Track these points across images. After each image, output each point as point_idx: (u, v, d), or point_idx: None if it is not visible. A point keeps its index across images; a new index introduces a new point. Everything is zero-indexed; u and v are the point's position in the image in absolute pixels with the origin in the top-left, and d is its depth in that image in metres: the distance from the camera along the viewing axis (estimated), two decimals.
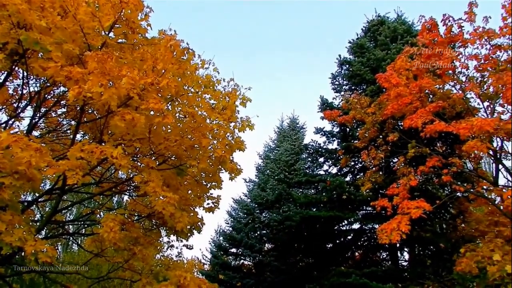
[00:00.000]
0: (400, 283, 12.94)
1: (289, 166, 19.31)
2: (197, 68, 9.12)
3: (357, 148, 13.99)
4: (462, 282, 10.31)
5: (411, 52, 12.00)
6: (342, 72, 16.95)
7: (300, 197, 14.82)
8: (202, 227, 9.95)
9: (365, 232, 15.16)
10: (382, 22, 16.82)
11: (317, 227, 14.73)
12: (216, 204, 9.93)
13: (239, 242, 18.13)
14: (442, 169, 11.31)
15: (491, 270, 8.69)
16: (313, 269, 15.51)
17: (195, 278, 8.16)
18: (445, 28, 11.29)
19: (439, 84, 12.15)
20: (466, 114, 12.06)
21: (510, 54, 11.27)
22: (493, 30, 11.17)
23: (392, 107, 11.83)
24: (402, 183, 11.43)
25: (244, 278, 17.27)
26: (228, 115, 9.01)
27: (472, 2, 11.16)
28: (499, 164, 12.04)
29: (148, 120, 6.92)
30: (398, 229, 10.21)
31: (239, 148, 9.29)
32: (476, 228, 13.07)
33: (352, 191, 13.42)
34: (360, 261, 15.60)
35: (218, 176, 9.46)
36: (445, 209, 14.17)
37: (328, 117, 14.73)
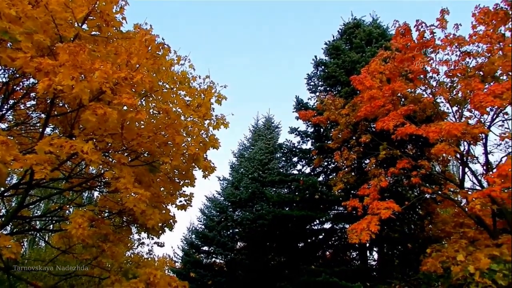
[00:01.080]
0: (369, 282, 13.20)
1: (263, 165, 19.37)
2: (173, 64, 8.99)
3: (330, 148, 14.17)
4: (427, 282, 10.59)
5: (385, 55, 12.25)
6: (318, 73, 17.12)
7: (273, 196, 14.89)
8: (174, 224, 9.86)
9: (336, 231, 15.37)
10: (358, 25, 17.09)
11: (289, 226, 14.84)
12: (188, 201, 9.86)
13: (211, 240, 18.06)
14: (411, 171, 11.59)
15: (455, 270, 8.97)
16: (284, 268, 15.62)
17: (166, 276, 8.10)
18: (417, 33, 11.59)
19: (411, 88, 12.43)
20: (436, 118, 12.39)
21: (478, 61, 11.66)
22: (463, 37, 11.53)
23: (365, 109, 12.04)
24: (373, 184, 11.65)
25: (216, 276, 17.22)
26: (203, 113, 8.91)
27: (444, 9, 11.49)
28: (465, 167, 12.44)
29: (121, 115, 6.79)
30: (368, 229, 10.40)
31: (213, 146, 9.22)
32: (443, 229, 13.51)
33: (325, 191, 13.59)
34: (330, 260, 15.81)
35: (191, 173, 9.37)
36: (414, 210, 14.54)
37: (302, 117, 14.87)
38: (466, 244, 10.25)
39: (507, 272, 8.62)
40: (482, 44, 11.30)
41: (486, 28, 11.05)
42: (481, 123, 11.34)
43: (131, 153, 8.32)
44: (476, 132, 10.09)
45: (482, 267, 8.62)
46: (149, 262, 10.15)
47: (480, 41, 11.20)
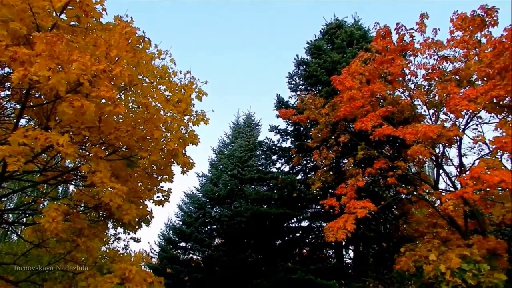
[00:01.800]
0: (344, 280, 13.39)
1: (243, 162, 19.38)
2: (153, 58, 8.89)
3: (309, 147, 14.27)
4: (400, 280, 10.79)
5: (365, 57, 12.40)
6: (299, 72, 17.21)
7: (252, 194, 14.93)
8: (151, 220, 9.78)
9: (313, 229, 15.52)
10: (339, 25, 17.23)
11: (267, 223, 14.90)
12: (166, 197, 9.79)
13: (188, 236, 17.99)
14: (388, 172, 11.79)
15: (427, 269, 9.17)
16: (261, 265, 15.69)
17: (141, 271, 8.02)
18: (397, 36, 11.78)
19: (389, 89, 12.62)
20: (413, 120, 12.63)
21: (455, 66, 11.93)
22: (441, 42, 11.79)
23: (345, 109, 12.17)
24: (350, 184, 11.80)
25: (193, 272, 17.17)
26: (183, 108, 8.85)
27: (424, 13, 11.71)
28: (440, 169, 12.72)
29: (99, 108, 6.69)
30: (344, 228, 10.54)
31: (193, 142, 9.17)
32: (416, 229, 13.79)
33: (303, 190, 13.69)
34: (307, 257, 15.95)
35: (169, 169, 9.31)
36: (389, 210, 14.79)
37: (283, 116, 14.93)
38: (439, 244, 10.48)
39: (476, 272, 8.87)
40: (459, 49, 11.59)
41: (463, 34, 11.31)
42: (456, 126, 11.61)
43: (109, 147, 8.20)
44: (451, 135, 10.33)
45: (453, 267, 8.84)
46: (124, 257, 10.03)
47: (457, 46, 11.47)
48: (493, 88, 9.56)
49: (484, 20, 10.85)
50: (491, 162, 9.91)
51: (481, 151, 13.16)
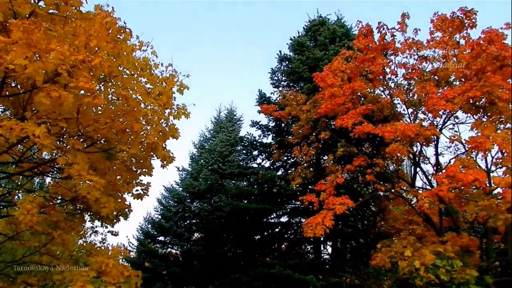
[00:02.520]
0: (321, 275, 13.53)
1: (224, 157, 19.35)
2: (134, 49, 8.73)
3: (290, 143, 14.34)
4: (376, 276, 10.99)
5: (347, 55, 12.50)
6: (282, 68, 17.24)
7: (232, 189, 14.93)
8: (129, 213, 9.72)
9: (292, 225, 15.62)
10: (323, 23, 17.30)
11: (247, 218, 14.94)
12: (145, 191, 9.73)
13: (167, 230, 17.91)
14: (367, 169, 11.95)
15: (402, 265, 9.36)
16: (240, 260, 15.74)
17: (118, 265, 7.97)
18: (379, 35, 11.90)
19: (370, 88, 12.77)
20: (392, 118, 12.81)
21: (434, 66, 12.15)
22: (421, 42, 11.97)
23: (326, 107, 12.25)
24: (330, 180, 11.92)
25: (171, 266, 17.12)
26: (164, 101, 8.77)
27: (405, 13, 11.87)
28: (417, 167, 12.96)
29: (77, 99, 6.57)
30: (322, 224, 10.65)
31: (173, 136, 9.11)
32: (393, 226, 14.05)
33: (283, 185, 13.76)
34: (285, 253, 16.07)
35: (149, 162, 9.24)
36: (367, 207, 15.01)
37: (264, 111, 14.95)
38: (414, 241, 10.69)
39: (449, 268, 9.10)
40: (438, 50, 11.80)
41: (443, 35, 11.52)
42: (434, 125, 11.84)
43: (87, 139, 8.08)
44: (428, 134, 10.53)
45: (427, 263, 9.04)
46: (101, 251, 9.89)
47: (436, 46, 11.67)
48: (470, 89, 9.78)
49: (463, 22, 11.07)
50: (466, 161, 10.16)
51: (457, 151, 13.47)
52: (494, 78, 9.50)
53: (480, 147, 9.16)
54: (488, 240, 11.17)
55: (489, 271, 10.34)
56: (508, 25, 10.34)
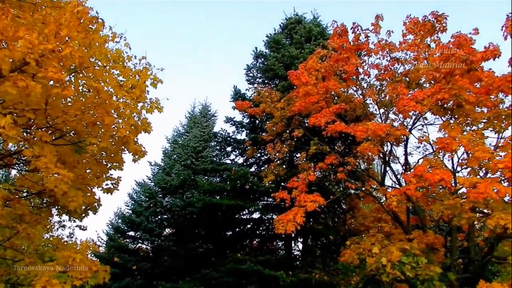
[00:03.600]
0: (291, 271, 13.68)
1: (197, 152, 19.23)
2: (107, 40, 8.55)
3: (264, 140, 14.38)
4: (345, 272, 11.19)
5: (322, 54, 12.63)
6: (257, 65, 17.25)
7: (204, 184, 14.87)
8: (98, 208, 9.55)
9: (264, 221, 15.70)
10: (299, 21, 17.41)
11: (219, 214, 14.91)
12: (115, 185, 9.57)
13: (138, 225, 17.68)
14: (338, 167, 12.12)
15: (370, 261, 9.57)
16: (211, 255, 15.71)
17: (86, 260, 7.83)
18: (353, 35, 12.09)
19: (344, 87, 12.95)
20: (364, 118, 13.04)
21: (406, 68, 12.44)
22: (394, 44, 12.23)
23: (300, 105, 12.35)
24: (302, 177, 12.03)
25: (141, 261, 16.93)
26: (136, 95, 8.62)
27: (379, 15, 12.08)
28: (387, 166, 13.25)
29: (46, 90, 6.39)
30: (294, 221, 10.73)
31: (145, 130, 8.98)
32: (362, 223, 14.33)
33: (255, 182, 13.80)
34: (257, 249, 16.14)
35: (120, 156, 9.07)
36: (338, 204, 15.25)
37: (239, 108, 14.93)
38: (382, 238, 10.95)
39: (414, 265, 9.36)
40: (410, 52, 12.09)
41: (415, 38, 11.80)
42: (404, 126, 12.13)
43: (55, 131, 7.88)
44: (398, 134, 10.77)
45: (393, 260, 9.27)
46: (69, 245, 9.70)
47: (408, 49, 11.95)
48: (438, 91, 10.05)
49: (434, 25, 11.37)
50: (434, 161, 10.46)
51: (425, 151, 13.86)
52: (461, 81, 9.81)
53: (447, 148, 9.43)
54: (452, 238, 11.54)
55: (452, 268, 10.70)
56: (477, 31, 10.69)
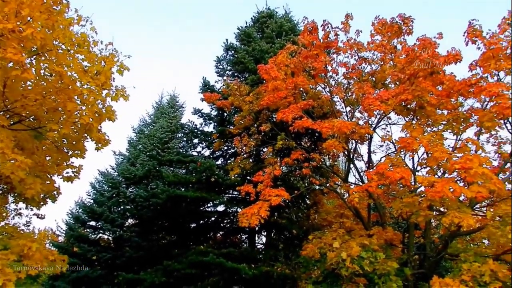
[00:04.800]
0: (254, 264, 13.78)
1: (163, 143, 18.99)
2: (72, 23, 8.28)
3: (231, 133, 14.36)
4: (306, 265, 11.37)
5: (292, 49, 12.70)
6: (228, 57, 17.16)
7: (169, 176, 14.69)
8: (58, 196, 9.31)
9: (228, 214, 15.70)
10: (271, 15, 17.42)
11: (183, 206, 14.79)
12: (77, 174, 9.36)
13: (99, 215, 17.31)
14: (304, 163, 12.27)
15: (330, 255, 9.77)
16: (174, 247, 15.58)
17: (43, 249, 7.64)
18: (323, 33, 12.20)
19: (312, 84, 13.08)
20: (331, 115, 13.24)
21: (372, 68, 12.70)
22: (362, 44, 12.46)
23: (268, 99, 12.38)
24: (268, 172, 12.10)
25: (101, 252, 16.60)
26: (101, 81, 8.41)
27: (349, 14, 12.25)
28: (351, 163, 13.53)
29: (4, 72, 6.16)
30: (258, 214, 10.79)
31: (110, 118, 8.79)
32: (325, 218, 14.62)
33: (221, 175, 13.76)
34: (221, 241, 16.14)
35: (82, 144, 8.86)
36: (302, 199, 15.46)
37: (207, 99, 14.81)
38: (343, 233, 11.19)
39: (373, 260, 9.64)
40: (377, 53, 12.36)
41: (382, 38, 12.07)
42: (369, 124, 12.42)
43: (14, 116, 7.60)
44: (363, 132, 11.00)
45: (353, 254, 9.51)
46: (25, 234, 9.39)
47: (376, 49, 12.20)
48: (402, 92, 10.33)
49: (401, 28, 11.66)
50: (395, 160, 10.76)
51: (388, 150, 14.27)
52: (424, 83, 10.11)
53: (408, 147, 9.71)
54: (410, 235, 11.95)
55: (409, 263, 11.10)
56: (441, 35, 11.04)
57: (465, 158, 8.44)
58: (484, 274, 8.40)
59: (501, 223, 8.63)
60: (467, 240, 14.00)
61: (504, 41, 9.77)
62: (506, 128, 10.53)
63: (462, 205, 8.92)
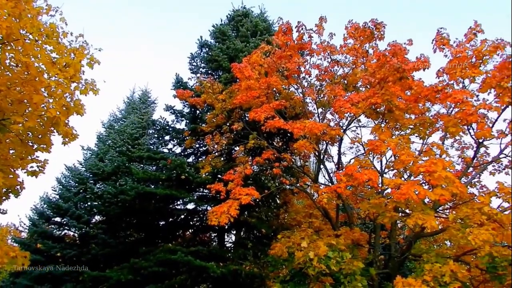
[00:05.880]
0: (223, 262, 13.75)
1: (134, 139, 18.68)
2: (41, 13, 8.03)
3: (203, 131, 14.29)
4: (274, 264, 11.44)
5: (266, 49, 12.76)
6: (202, 55, 17.04)
7: (139, 172, 14.46)
8: (21, 191, 9.02)
9: (198, 213, 15.61)
10: (246, 14, 17.43)
11: (152, 203, 14.59)
12: (41, 168, 9.08)
13: (65, 211, 16.85)
14: (275, 162, 12.36)
15: (298, 255, 9.88)
16: (142, 245, 15.35)
17: (4, 245, 7.44)
18: (298, 34, 12.31)
19: (285, 84, 13.19)
20: (303, 116, 13.39)
21: (345, 71, 12.91)
22: (335, 47, 12.65)
23: (241, 98, 12.39)
24: (239, 171, 12.11)
25: (66, 248, 16.16)
26: (70, 74, 8.20)
27: (323, 17, 12.40)
28: (321, 164, 13.72)
29: None
30: (228, 213, 10.78)
31: (78, 112, 8.58)
32: (295, 218, 14.76)
33: (192, 173, 13.66)
34: (190, 240, 16.02)
35: (48, 138, 8.60)
36: (273, 199, 15.53)
37: (180, 96, 14.69)
38: (312, 233, 11.35)
39: (339, 259, 9.81)
40: (350, 56, 12.58)
41: (355, 42, 12.30)
42: (339, 126, 12.63)
43: None
44: (333, 133, 11.18)
45: (320, 254, 9.65)
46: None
47: (348, 53, 12.42)
48: (372, 96, 10.56)
49: (373, 33, 11.90)
50: (364, 162, 10.99)
51: (358, 152, 14.56)
52: (394, 88, 10.37)
53: (376, 150, 9.93)
54: (376, 236, 12.24)
55: (374, 264, 11.37)
56: (411, 42, 11.35)
57: (430, 161, 8.70)
58: (444, 275, 8.68)
59: (462, 225, 8.94)
60: (430, 241, 14.45)
61: (470, 50, 10.14)
62: (470, 134, 10.93)
63: (426, 207, 9.18)
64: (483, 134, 9.92)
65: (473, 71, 9.89)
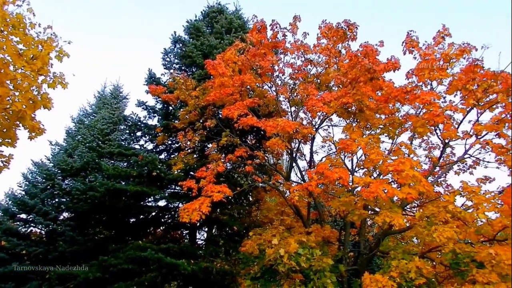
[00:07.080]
0: (194, 259, 13.69)
1: (104, 135, 18.31)
2: (6, 2, 7.77)
3: (176, 128, 14.16)
4: (245, 261, 11.46)
5: (240, 47, 12.75)
6: (175, 50, 16.87)
7: (109, 168, 14.19)
8: None
9: (169, 210, 15.47)
10: (221, 11, 17.36)
11: (123, 200, 14.37)
12: (6, 163, 8.82)
13: (31, 208, 16.35)
14: (247, 160, 12.37)
15: (269, 252, 9.95)
16: (112, 242, 15.08)
17: None
18: (272, 32, 12.36)
19: (259, 82, 13.22)
20: (276, 114, 13.46)
21: (318, 70, 13.06)
22: (309, 46, 12.77)
23: (215, 95, 12.35)
24: (211, 168, 12.07)
25: (32, 246, 15.69)
26: (38, 66, 7.98)
27: (297, 16, 12.50)
28: (293, 162, 13.85)
29: None
30: (199, 210, 10.73)
31: (45, 106, 8.35)
32: (267, 215, 14.85)
33: (163, 169, 13.53)
34: (161, 237, 15.85)
35: (13, 132, 8.34)
36: (245, 196, 15.56)
37: (152, 92, 14.52)
38: (283, 230, 11.44)
39: (310, 256, 9.94)
40: (323, 56, 12.72)
41: (328, 42, 12.45)
42: (312, 125, 12.78)
43: None
44: (306, 132, 11.29)
45: (290, 251, 9.74)
46: None
47: (321, 52, 12.57)
48: (344, 95, 10.73)
49: (346, 33, 12.08)
50: (335, 160, 11.15)
51: (330, 150, 14.77)
52: (365, 88, 10.57)
53: (347, 149, 10.11)
54: (346, 233, 12.46)
55: (344, 260, 11.59)
56: (382, 43, 11.57)
57: (398, 161, 8.93)
58: (410, 271, 8.93)
59: (428, 223, 9.21)
60: (398, 239, 14.82)
61: (438, 53, 10.44)
62: (436, 134, 11.27)
63: (394, 206, 9.42)
64: (449, 134, 10.26)
65: (441, 74, 10.20)
